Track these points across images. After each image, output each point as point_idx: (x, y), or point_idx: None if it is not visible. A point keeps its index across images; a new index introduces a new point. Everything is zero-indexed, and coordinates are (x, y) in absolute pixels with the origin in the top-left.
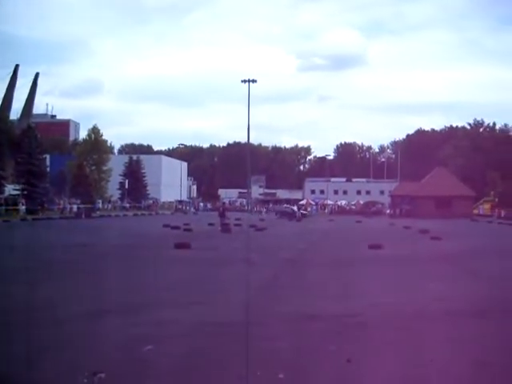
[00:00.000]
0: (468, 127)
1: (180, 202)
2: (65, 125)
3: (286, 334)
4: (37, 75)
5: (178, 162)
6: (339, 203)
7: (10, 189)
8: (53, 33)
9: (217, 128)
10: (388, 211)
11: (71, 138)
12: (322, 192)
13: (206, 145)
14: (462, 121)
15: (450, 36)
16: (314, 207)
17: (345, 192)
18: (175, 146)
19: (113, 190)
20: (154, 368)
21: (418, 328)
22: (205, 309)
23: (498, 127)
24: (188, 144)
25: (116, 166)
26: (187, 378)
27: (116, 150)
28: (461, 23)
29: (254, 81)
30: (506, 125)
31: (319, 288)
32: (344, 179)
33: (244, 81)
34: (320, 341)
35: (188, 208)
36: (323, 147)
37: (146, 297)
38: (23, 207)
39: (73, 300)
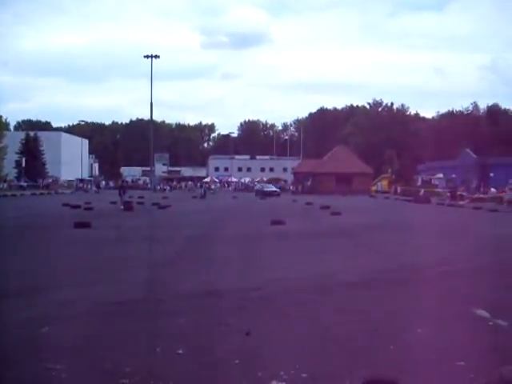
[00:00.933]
0: (368, 107)
1: (81, 180)
2: None
3: (187, 310)
4: None
5: (78, 139)
6: (243, 180)
7: None
8: None
9: (119, 104)
10: (291, 188)
11: None
12: (226, 169)
13: (107, 122)
14: (362, 100)
15: (352, 18)
16: (218, 184)
17: (249, 169)
18: (75, 122)
19: (8, 168)
20: (49, 349)
21: (314, 300)
22: (104, 288)
23: (395, 107)
24: (89, 121)
25: (12, 144)
26: (83, 357)
27: (12, 127)
28: (361, 6)
29: (156, 56)
30: (403, 105)
31: (221, 264)
32: (248, 157)
33: (146, 56)
34: (220, 316)
35: (89, 186)
36: (227, 125)
37: (43, 278)
38: None
39: None
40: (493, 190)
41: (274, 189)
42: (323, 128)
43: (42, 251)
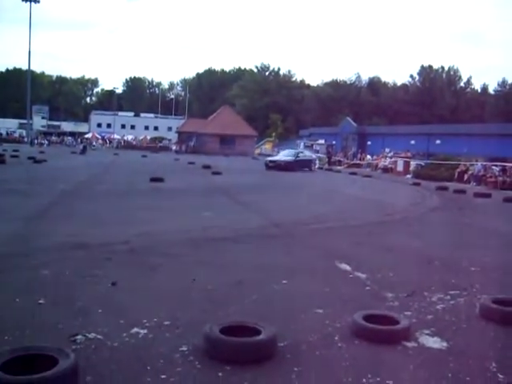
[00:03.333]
0: (255, 70)
1: None
2: None
3: (52, 263)
4: None
5: None
6: (126, 138)
7: None
8: None
9: None
10: (174, 147)
11: None
12: (108, 126)
13: None
14: (250, 64)
15: None
16: (100, 141)
17: (132, 127)
18: None
19: None
20: None
21: (181, 253)
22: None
23: (282, 73)
24: None
25: None
26: None
27: None
28: None
29: (36, 1)
30: (289, 71)
31: (92, 218)
32: (132, 114)
33: (25, 0)
34: (86, 267)
35: None
36: (112, 80)
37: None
38: None
39: None
40: (368, 157)
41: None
42: (210, 89)
43: None
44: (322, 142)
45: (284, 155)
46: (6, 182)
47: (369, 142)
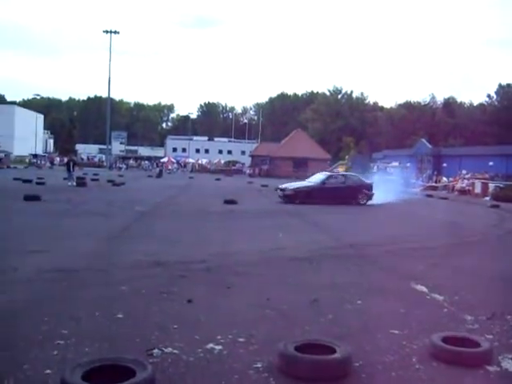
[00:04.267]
0: (327, 93)
1: (35, 155)
2: None
3: (130, 279)
4: None
5: (33, 113)
6: (200, 161)
7: None
8: None
9: (77, 80)
10: (248, 171)
11: None
12: (183, 150)
13: (64, 97)
14: (322, 87)
15: (316, 4)
16: (176, 165)
17: (207, 151)
18: (30, 96)
19: None
20: None
21: (255, 272)
22: (48, 257)
23: (354, 95)
24: (45, 95)
25: None
26: (21, 319)
27: None
28: None
29: (116, 32)
30: (362, 94)
31: (169, 238)
32: (206, 138)
33: (106, 31)
34: (163, 284)
35: (43, 162)
36: (187, 106)
37: None
38: None
39: None
40: (444, 179)
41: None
42: (283, 113)
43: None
44: (396, 164)
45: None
46: (87, 204)
47: (444, 164)
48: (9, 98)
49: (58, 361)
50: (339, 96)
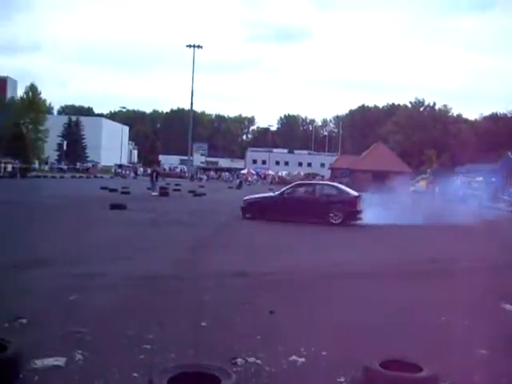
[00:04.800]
0: (409, 105)
1: (120, 166)
2: (1, 82)
3: (214, 288)
4: None
5: (119, 125)
6: (280, 174)
7: None
8: None
9: (160, 93)
10: None
11: (8, 96)
12: (263, 162)
13: (148, 110)
14: (404, 99)
15: (397, 16)
16: (255, 177)
17: (286, 163)
18: (117, 109)
19: (50, 151)
20: (75, 315)
21: (342, 286)
22: (133, 264)
23: (437, 107)
24: (130, 108)
25: (54, 127)
26: (109, 323)
27: (55, 111)
28: (407, 4)
29: (199, 46)
30: (445, 105)
31: (250, 249)
32: (286, 150)
33: (189, 46)
34: (245, 294)
35: (128, 172)
36: (267, 118)
37: (76, 252)
38: None
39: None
40: None
41: None
42: (363, 125)
43: (76, 228)
44: (479, 179)
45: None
46: (170, 214)
47: None
48: (97, 111)
49: (145, 365)
50: (421, 108)
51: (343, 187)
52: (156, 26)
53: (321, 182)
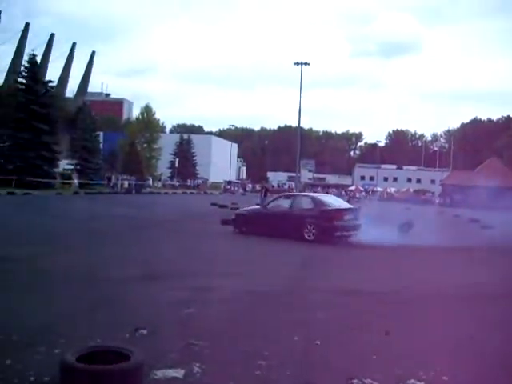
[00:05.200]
0: None
1: (229, 182)
2: (118, 103)
3: (326, 305)
4: (93, 54)
5: (228, 142)
6: (389, 190)
7: (64, 163)
8: (109, 13)
9: (268, 111)
10: (438, 200)
11: (124, 117)
12: (371, 178)
13: (256, 127)
14: None
15: (506, 24)
16: (363, 193)
17: (395, 179)
18: (226, 127)
19: (163, 168)
20: (192, 328)
21: (458, 308)
22: (244, 278)
23: None
24: (239, 126)
25: (167, 145)
26: (225, 337)
27: (168, 130)
28: None
29: (306, 63)
30: None
31: (365, 267)
32: (394, 166)
33: (297, 63)
34: (358, 314)
35: (236, 189)
36: (374, 134)
37: (189, 266)
38: (76, 181)
39: (117, 265)
40: None
41: None
42: (475, 139)
43: (190, 243)
44: None
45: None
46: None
47: None
48: (206, 129)
49: (262, 381)
50: None
51: (325, 199)
52: (264, 46)
53: (301, 193)
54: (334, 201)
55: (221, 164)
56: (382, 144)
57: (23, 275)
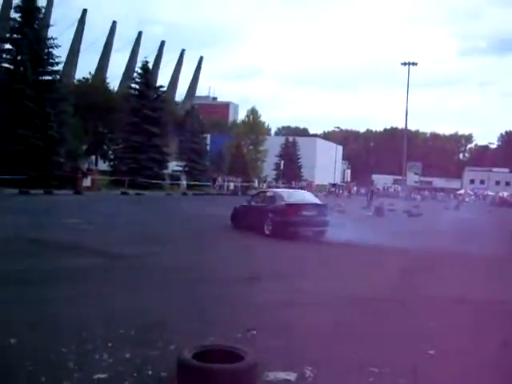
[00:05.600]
0: None
1: (333, 185)
2: (225, 107)
3: (435, 314)
4: (201, 59)
5: (333, 145)
6: (501, 194)
7: (173, 165)
8: (215, 20)
9: (373, 112)
10: None
11: (230, 119)
12: (481, 182)
13: (362, 129)
14: None
15: None
16: (473, 197)
17: (507, 183)
18: (331, 129)
19: (268, 170)
20: (298, 330)
21: None
22: (345, 282)
23: None
24: (344, 127)
25: (272, 147)
26: (331, 341)
27: (273, 132)
28: None
29: (414, 63)
30: None
31: (473, 276)
32: (507, 170)
33: (404, 63)
34: (473, 323)
35: (341, 191)
36: (486, 135)
37: (289, 268)
38: (184, 182)
39: (226, 265)
40: None
41: None
42: None
43: (293, 246)
44: None
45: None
46: (386, 234)
47: None
48: (311, 131)
49: None
50: None
51: (285, 194)
52: (370, 46)
53: (269, 189)
54: (297, 196)
55: (325, 166)
56: (493, 146)
57: (136, 272)
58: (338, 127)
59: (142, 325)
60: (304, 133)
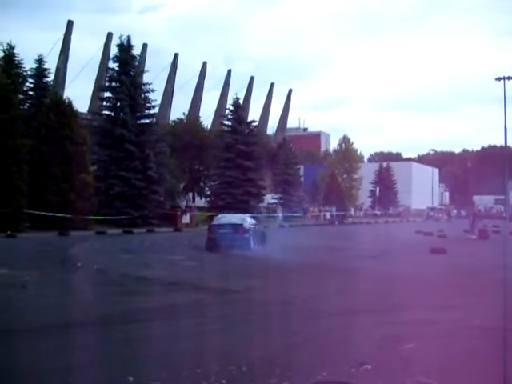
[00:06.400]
0: None
1: (432, 208)
2: (316, 137)
3: None
4: (290, 91)
5: (428, 168)
6: None
7: (269, 198)
8: (302, 53)
9: (469, 132)
10: None
11: (322, 149)
12: None
13: (457, 150)
14: None
15: None
16: None
17: None
18: (425, 152)
19: (364, 197)
20: (414, 365)
21: None
22: (462, 312)
23: None
24: (438, 149)
25: (366, 174)
26: (447, 376)
27: (366, 159)
28: None
29: (510, 78)
30: None
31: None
32: None
33: (498, 78)
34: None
35: (440, 215)
36: None
37: (401, 298)
38: (280, 215)
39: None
40: None
41: None
42: None
43: (402, 273)
44: None
45: None
46: (491, 258)
47: None
48: (405, 155)
49: None
50: None
51: (220, 216)
52: (458, 64)
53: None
54: (228, 218)
55: (422, 190)
56: None
57: (243, 306)
58: (433, 149)
59: (252, 360)
60: (398, 157)
